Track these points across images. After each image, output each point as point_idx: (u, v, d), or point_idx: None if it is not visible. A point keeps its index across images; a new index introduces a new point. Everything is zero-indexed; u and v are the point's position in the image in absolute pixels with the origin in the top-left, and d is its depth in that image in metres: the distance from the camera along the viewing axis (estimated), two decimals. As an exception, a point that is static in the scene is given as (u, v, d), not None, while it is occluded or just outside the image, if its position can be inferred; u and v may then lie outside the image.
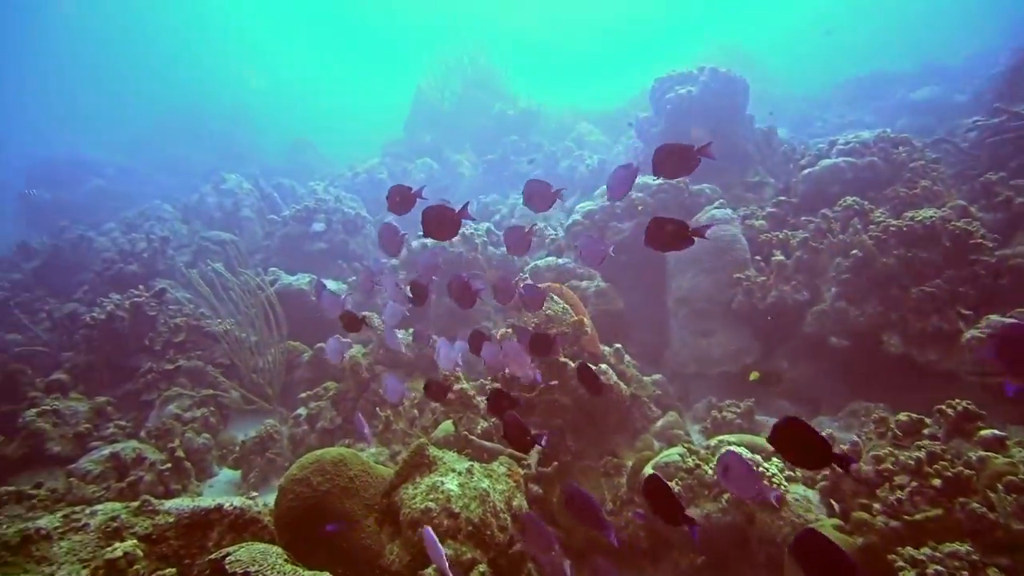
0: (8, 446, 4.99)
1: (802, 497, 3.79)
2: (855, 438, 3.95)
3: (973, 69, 16.20)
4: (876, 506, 3.34)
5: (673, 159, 2.57)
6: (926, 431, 3.58)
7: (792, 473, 3.98)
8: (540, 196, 3.23)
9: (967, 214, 5.21)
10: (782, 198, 6.96)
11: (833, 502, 3.67)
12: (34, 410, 5.30)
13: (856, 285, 5.21)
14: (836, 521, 3.49)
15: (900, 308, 4.94)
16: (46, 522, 2.68)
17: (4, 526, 2.65)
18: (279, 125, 24.25)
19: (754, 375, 5.40)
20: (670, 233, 2.48)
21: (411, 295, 3.56)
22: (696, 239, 2.44)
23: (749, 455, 3.75)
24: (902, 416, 3.71)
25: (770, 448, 4.18)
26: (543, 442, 3.15)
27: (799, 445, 1.85)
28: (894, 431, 3.71)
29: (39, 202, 15.90)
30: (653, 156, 2.61)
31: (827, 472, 3.80)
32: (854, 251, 5.22)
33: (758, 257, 6.01)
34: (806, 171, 6.89)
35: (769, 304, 5.64)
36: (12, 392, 5.86)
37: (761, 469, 3.64)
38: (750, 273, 5.93)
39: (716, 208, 6.71)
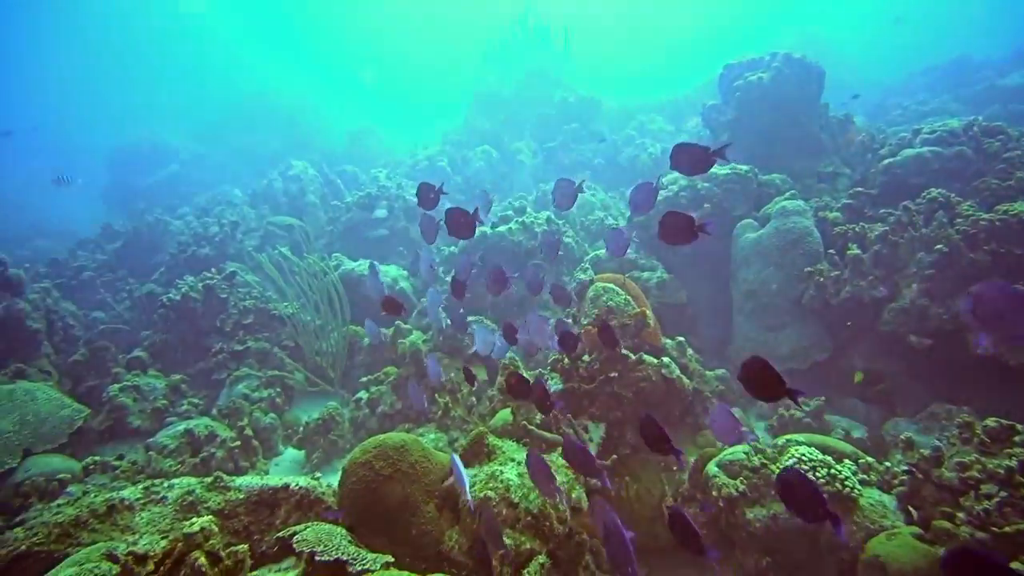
0: (94, 418, 5.29)
1: (877, 502, 3.62)
2: (936, 442, 3.74)
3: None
4: (960, 515, 3.16)
5: (688, 157, 2.66)
6: (1018, 438, 3.35)
7: (866, 477, 3.81)
8: (563, 194, 3.51)
9: (1068, 208, 4.83)
10: (859, 189, 6.62)
11: (911, 508, 3.49)
12: (117, 385, 5.60)
13: (940, 282, 4.91)
14: (915, 529, 3.32)
15: (990, 307, 4.63)
16: (129, 493, 2.82)
17: (92, 495, 2.80)
18: (342, 112, 24.75)
19: (858, 376, 5.20)
20: (678, 228, 2.60)
21: (452, 291, 3.91)
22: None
23: (820, 456, 3.60)
24: (990, 421, 3.49)
25: (843, 449, 4.02)
26: (560, 407, 3.42)
27: (760, 381, 2.11)
28: (981, 437, 3.49)
29: (120, 185, 16.76)
30: (671, 153, 2.71)
31: (904, 477, 3.62)
32: (939, 246, 4.91)
33: (832, 251, 5.74)
34: (886, 161, 6.52)
35: (843, 300, 5.39)
36: (98, 367, 6.21)
37: (834, 471, 3.49)
38: (823, 267, 5.67)
39: (787, 199, 6.44)
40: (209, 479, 3.09)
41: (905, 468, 3.68)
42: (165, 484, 3.00)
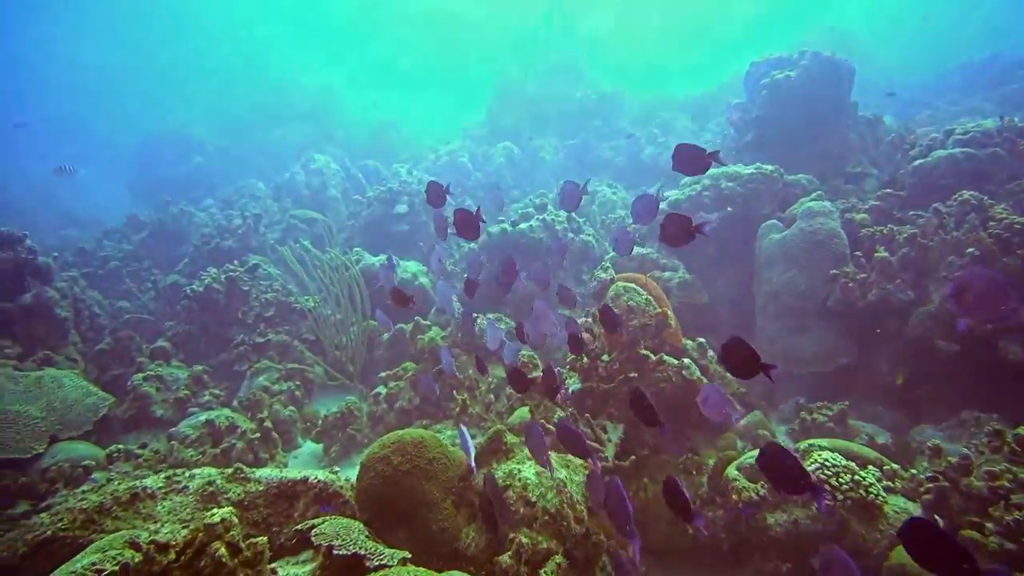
0: (119, 407, 5.38)
1: (902, 509, 3.55)
2: (964, 450, 3.66)
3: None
4: (989, 526, 3.08)
5: (687, 158, 2.80)
6: (1051, 450, 3.27)
7: (891, 484, 3.74)
8: (567, 196, 3.76)
9: (1107, 212, 4.69)
10: (888, 190, 6.49)
11: (937, 517, 3.41)
12: (140, 375, 5.68)
13: (970, 286, 4.79)
14: (941, 540, 3.24)
15: None
16: (151, 482, 2.85)
17: (116, 482, 2.84)
18: (365, 106, 24.79)
19: (900, 377, 5.12)
20: (677, 229, 2.73)
21: (464, 289, 4.11)
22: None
23: (844, 461, 3.54)
24: (1022, 430, 3.41)
25: (866, 455, 3.94)
26: (569, 391, 3.85)
27: (738, 358, 2.28)
28: (1012, 446, 3.41)
29: (147, 176, 17.00)
30: (672, 153, 2.85)
31: (931, 485, 3.55)
32: (970, 249, 4.80)
33: (859, 253, 5.63)
34: (916, 162, 6.39)
35: (870, 303, 5.29)
36: (122, 356, 6.31)
37: (857, 478, 3.43)
38: (849, 269, 5.57)
39: (813, 200, 6.34)
40: (230, 470, 3.11)
41: (929, 475, 3.60)
42: (187, 474, 3.03)
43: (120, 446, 4.60)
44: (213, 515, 2.08)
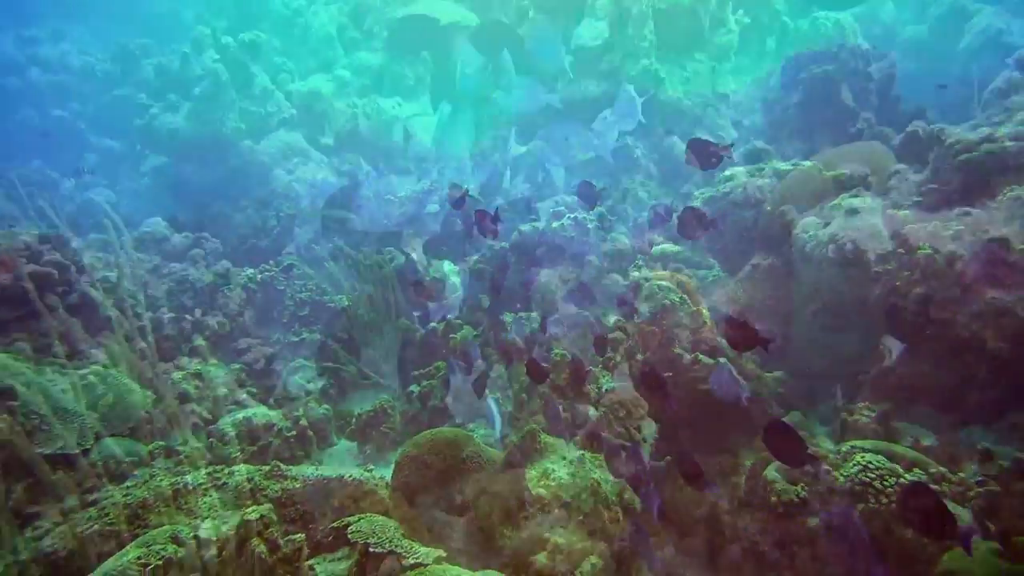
0: (159, 404, 5.50)
1: (949, 515, 3.43)
2: (1017, 454, 3.53)
3: None
4: (1045, 533, 2.97)
5: (700, 152, 2.88)
6: (1111, 454, 3.13)
7: (938, 488, 3.62)
8: (584, 196, 4.06)
9: None
10: (932, 186, 6.29)
11: (989, 523, 3.29)
12: (180, 373, 5.82)
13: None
14: (993, 545, 3.12)
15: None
16: (192, 479, 2.91)
17: (159, 479, 2.91)
18: (365, 111, 24.82)
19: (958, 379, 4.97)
20: (693, 222, 2.94)
21: (491, 289, 4.18)
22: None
23: (888, 464, 3.44)
24: (1078, 435, 3.27)
25: (912, 457, 3.82)
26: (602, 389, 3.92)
27: (738, 332, 2.42)
28: (1068, 451, 3.28)
29: (186, 178, 17.36)
30: (686, 148, 2.97)
31: (981, 489, 3.42)
32: (1021, 246, 4.62)
33: (902, 250, 5.46)
34: (963, 157, 6.17)
35: (913, 301, 5.13)
36: (162, 355, 6.45)
37: (902, 480, 3.33)
38: (891, 267, 5.41)
39: (853, 196, 6.18)
40: (267, 467, 3.16)
41: (979, 479, 3.48)
42: (226, 471, 3.09)
43: (162, 443, 4.72)
44: (252, 512, 2.11)
